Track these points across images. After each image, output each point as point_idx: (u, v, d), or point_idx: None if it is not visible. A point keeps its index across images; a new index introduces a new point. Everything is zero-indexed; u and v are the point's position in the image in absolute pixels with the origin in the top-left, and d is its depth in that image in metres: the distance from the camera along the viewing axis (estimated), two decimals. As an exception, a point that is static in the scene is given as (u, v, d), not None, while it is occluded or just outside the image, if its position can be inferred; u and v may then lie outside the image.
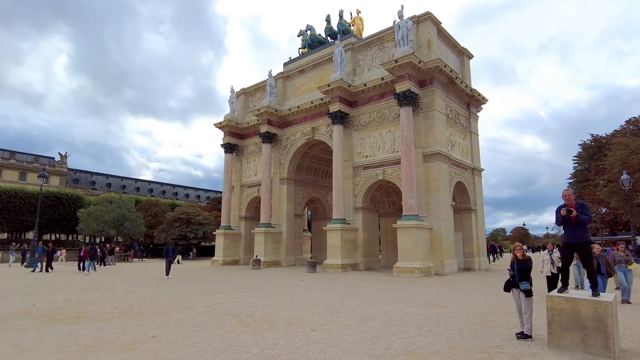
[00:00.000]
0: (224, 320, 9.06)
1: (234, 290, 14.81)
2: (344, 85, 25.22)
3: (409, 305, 11.19)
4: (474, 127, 28.11)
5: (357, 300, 12.12)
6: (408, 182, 21.45)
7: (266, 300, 12.09)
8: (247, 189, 34.32)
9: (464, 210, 26.22)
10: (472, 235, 25.90)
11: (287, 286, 15.91)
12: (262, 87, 34.19)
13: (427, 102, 23.32)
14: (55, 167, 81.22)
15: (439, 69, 23.11)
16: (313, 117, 29.23)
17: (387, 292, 14.23)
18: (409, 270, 20.24)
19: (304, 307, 10.83)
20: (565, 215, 6.67)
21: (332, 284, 16.76)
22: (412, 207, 21.25)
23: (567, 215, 6.64)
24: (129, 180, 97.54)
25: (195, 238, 46.24)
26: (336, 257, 23.73)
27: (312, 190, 33.62)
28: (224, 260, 31.84)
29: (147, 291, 14.51)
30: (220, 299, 12.27)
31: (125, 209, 43.44)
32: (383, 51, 26.18)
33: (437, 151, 22.45)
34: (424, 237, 21.30)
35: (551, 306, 6.45)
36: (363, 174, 25.35)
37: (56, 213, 52.54)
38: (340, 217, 24.65)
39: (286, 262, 29.83)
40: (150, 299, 12.38)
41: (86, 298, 12.76)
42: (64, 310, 10.45)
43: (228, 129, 34.17)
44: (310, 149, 31.41)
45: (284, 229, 30.29)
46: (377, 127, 25.14)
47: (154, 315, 9.63)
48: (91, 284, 17.08)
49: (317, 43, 32.63)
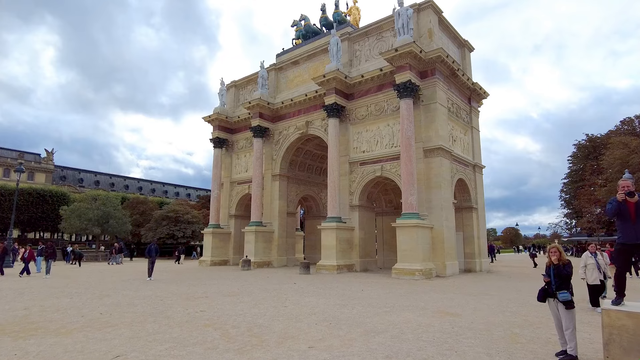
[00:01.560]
0: (206, 333, 7.71)
1: (221, 294, 13.42)
2: (340, 76, 23.88)
3: (418, 314, 9.92)
4: (475, 122, 26.98)
5: (358, 307, 10.82)
6: (408, 178, 20.21)
7: (255, 307, 10.74)
8: (238, 186, 32.86)
9: (464, 209, 25.07)
10: (473, 235, 24.77)
11: (279, 290, 14.56)
12: (253, 80, 32.75)
13: (428, 95, 22.11)
14: (41, 164, 78.91)
15: (441, 59, 21.90)
16: (307, 111, 27.87)
17: (389, 297, 12.96)
18: (409, 272, 19.00)
19: (298, 316, 9.50)
20: (622, 201, 5.37)
21: (328, 288, 15.46)
22: (412, 205, 20.01)
23: (625, 199, 5.33)
24: (117, 178, 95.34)
25: (183, 237, 44.67)
26: (331, 258, 22.41)
27: (306, 187, 32.26)
28: (212, 260, 30.37)
29: (123, 295, 13.07)
30: (203, 306, 10.88)
31: (110, 206, 41.72)
32: (381, 41, 24.91)
33: (438, 146, 21.24)
34: (424, 237, 20.08)
35: (608, 323, 5.20)
36: (360, 170, 24.06)
37: (39, 210, 50.69)
38: (336, 215, 23.34)
39: (278, 263, 28.46)
40: (125, 305, 10.96)
41: (53, 304, 11.30)
42: (20, 320, 9.01)
43: (218, 122, 32.67)
44: (304, 145, 30.05)
45: (276, 227, 28.91)
46: (374, 121, 23.86)
47: (125, 326, 8.24)
48: (66, 286, 15.59)
49: (311, 34, 31.26)
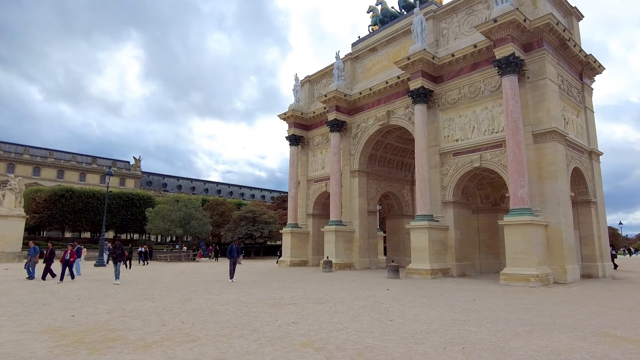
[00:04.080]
0: (306, 355, 6.03)
1: (309, 301, 11.80)
2: (427, 57, 21.39)
3: (573, 336, 7.42)
4: (588, 101, 22.91)
5: (485, 324, 8.52)
6: (517, 167, 17.19)
7: (355, 320, 8.89)
8: (314, 184, 31.55)
9: (580, 204, 21.23)
10: (593, 234, 20.88)
11: (374, 298, 12.61)
12: (327, 73, 31.28)
13: (535, 70, 18.86)
14: (130, 171, 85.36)
15: (549, 27, 18.56)
16: (388, 100, 25.67)
17: (515, 310, 10.43)
18: (523, 277, 16.03)
19: (414, 334, 7.48)
20: None
21: (430, 296, 13.21)
22: (523, 199, 16.97)
23: None
24: (198, 182, 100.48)
25: (261, 237, 44.65)
26: (423, 261, 19.97)
27: (386, 184, 30.01)
28: (292, 261, 29.30)
29: (205, 300, 11.98)
30: (294, 316, 9.28)
31: (191, 207, 42.82)
32: (472, 15, 22.00)
33: (551, 128, 17.92)
34: (539, 237, 16.93)
35: None
36: (453, 162, 21.33)
37: (129, 213, 53.94)
38: (426, 213, 20.85)
39: (360, 265, 26.56)
40: (208, 313, 9.72)
41: (135, 308, 10.43)
42: (101, 326, 8.05)
43: (293, 119, 31.65)
44: (384, 137, 27.86)
45: (356, 227, 27.04)
46: (469, 105, 21.01)
47: (208, 341, 6.84)
48: (149, 287, 15.07)
49: (389, 17, 28.93)
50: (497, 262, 24.83)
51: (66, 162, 77.22)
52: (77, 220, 51.27)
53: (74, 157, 79.25)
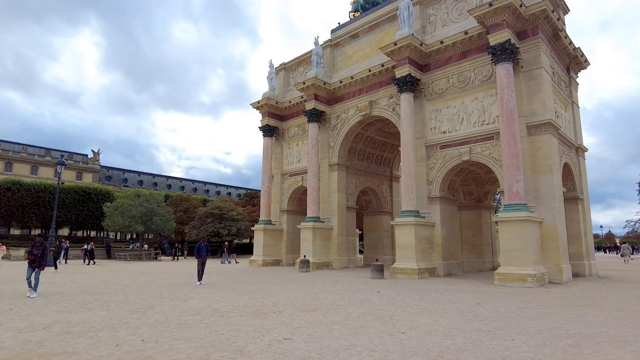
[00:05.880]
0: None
1: (296, 308, 10.06)
2: (415, 43, 20.06)
3: (630, 350, 6.12)
4: (574, 96, 22.40)
5: (515, 335, 7.12)
6: (512, 161, 16.14)
7: (360, 333, 7.27)
8: (289, 178, 29.73)
9: (567, 200, 20.52)
10: (580, 231, 20.29)
11: (370, 303, 11.04)
12: (305, 60, 29.54)
13: (529, 59, 17.95)
14: (88, 164, 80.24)
15: (545, 14, 17.73)
16: (370, 89, 24.24)
17: (532, 315, 9.17)
18: (519, 277, 14.98)
19: (441, 353, 5.93)
20: None
21: (429, 300, 11.80)
22: (519, 194, 15.93)
23: None
24: (160, 178, 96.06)
25: (229, 235, 42.19)
26: (410, 260, 18.64)
27: (365, 179, 28.62)
28: (265, 260, 27.39)
29: (171, 307, 10.01)
30: (284, 329, 7.54)
31: (154, 203, 39.78)
32: (462, 1, 20.88)
33: (546, 120, 17.03)
34: (534, 234, 15.98)
35: None
36: (440, 155, 20.13)
37: (85, 209, 50.13)
38: (412, 209, 19.55)
39: (338, 264, 25.04)
40: (175, 326, 7.81)
41: (82, 320, 8.36)
42: (30, 350, 6.01)
43: (267, 108, 29.66)
44: (365, 129, 26.45)
45: (335, 224, 25.48)
46: (458, 95, 19.88)
47: (178, 372, 5.02)
48: (104, 291, 12.83)
49: (371, 4, 27.52)
50: (480, 261, 24.06)
51: (15, 154, 71.24)
52: (26, 216, 46.98)
53: (24, 149, 73.27)
